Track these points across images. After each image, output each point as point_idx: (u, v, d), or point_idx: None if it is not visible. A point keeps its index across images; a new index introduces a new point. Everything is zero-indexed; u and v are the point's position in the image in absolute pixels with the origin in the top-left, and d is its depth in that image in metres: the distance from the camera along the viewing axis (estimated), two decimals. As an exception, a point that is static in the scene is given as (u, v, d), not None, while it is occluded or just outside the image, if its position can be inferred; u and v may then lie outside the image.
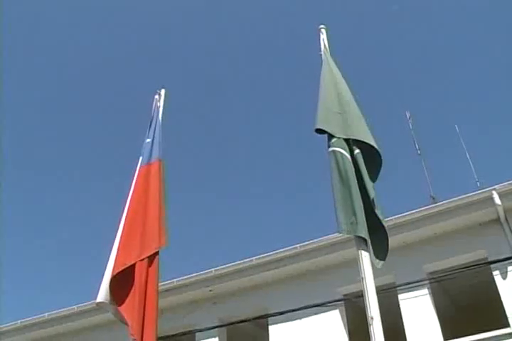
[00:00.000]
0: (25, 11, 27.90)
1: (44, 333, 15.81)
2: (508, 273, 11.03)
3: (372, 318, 5.30)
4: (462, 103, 30.31)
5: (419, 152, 15.28)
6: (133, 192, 7.20)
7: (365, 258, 5.21)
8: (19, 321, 16.13)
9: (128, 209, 7.04)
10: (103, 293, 6.56)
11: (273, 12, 29.94)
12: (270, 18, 30.33)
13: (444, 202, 11.76)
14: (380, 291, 5.44)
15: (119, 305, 6.55)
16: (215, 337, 13.25)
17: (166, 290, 12.69)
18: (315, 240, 12.56)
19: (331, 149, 5.83)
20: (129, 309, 6.50)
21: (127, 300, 6.57)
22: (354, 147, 5.80)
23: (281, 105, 32.51)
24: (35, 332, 15.87)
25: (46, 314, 15.68)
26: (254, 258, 13.09)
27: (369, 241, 5.26)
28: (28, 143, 35.27)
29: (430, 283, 11.61)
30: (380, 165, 5.90)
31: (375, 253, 5.33)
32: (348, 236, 10.28)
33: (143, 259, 6.56)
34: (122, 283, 6.60)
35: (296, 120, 28.32)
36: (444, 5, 27.39)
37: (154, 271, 6.64)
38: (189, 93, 29.95)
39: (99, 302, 6.55)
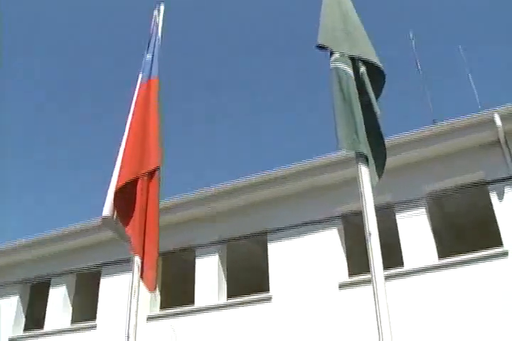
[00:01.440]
0: None
1: (47, 251, 16.16)
2: (505, 194, 11.14)
3: (370, 233, 5.39)
4: (466, 23, 29.72)
5: (421, 73, 15.05)
6: (134, 108, 7.15)
7: (365, 174, 5.24)
8: (23, 239, 16.47)
9: (129, 125, 7.01)
10: (108, 208, 6.64)
11: None
12: None
13: (445, 122, 11.72)
14: (378, 210, 5.50)
15: (122, 222, 6.65)
16: (214, 253, 13.56)
17: (167, 208, 12.84)
18: (314, 159, 12.61)
19: (332, 66, 5.75)
20: (130, 225, 6.59)
21: (129, 217, 6.65)
22: (360, 65, 5.72)
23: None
24: (39, 250, 16.22)
25: (49, 232, 15.98)
26: (253, 176, 13.19)
27: (370, 157, 5.28)
28: (32, 63, 35.04)
29: (427, 202, 11.74)
30: (383, 85, 5.86)
31: (373, 171, 5.36)
32: (347, 155, 10.43)
33: (144, 175, 6.61)
34: (124, 199, 6.66)
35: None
36: None
37: (155, 187, 6.67)
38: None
39: (105, 217, 6.63)
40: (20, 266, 16.77)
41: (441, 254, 11.34)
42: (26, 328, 16.43)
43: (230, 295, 13.31)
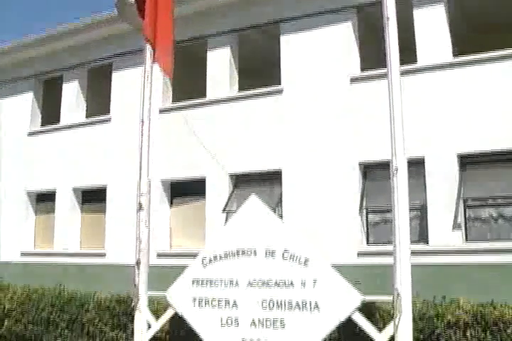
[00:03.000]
0: None
1: (59, 46, 16.06)
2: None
3: (388, 18, 5.27)
4: None
5: None
6: None
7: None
8: (35, 35, 16.28)
9: None
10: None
11: None
12: None
13: None
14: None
15: (136, 8, 6.53)
16: (226, 45, 13.35)
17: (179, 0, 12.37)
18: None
19: None
20: (143, 13, 6.47)
21: (142, 4, 6.50)
22: None
23: None
24: (51, 44, 16.07)
25: (61, 26, 15.71)
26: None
27: None
28: None
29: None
30: None
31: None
32: None
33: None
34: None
35: None
36: None
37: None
38: None
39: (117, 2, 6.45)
40: (32, 61, 16.83)
41: (456, 52, 11.14)
42: (43, 123, 16.90)
43: (241, 88, 13.39)
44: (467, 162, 10.50)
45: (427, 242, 10.28)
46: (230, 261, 5.91)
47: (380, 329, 5.20)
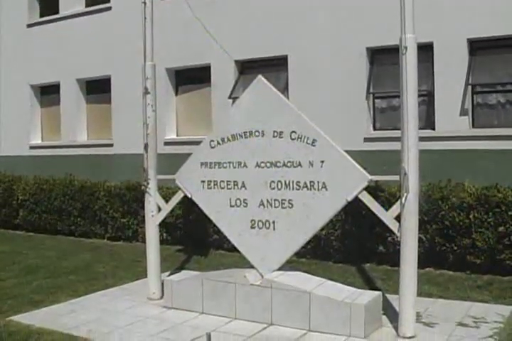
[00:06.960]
0: None
1: None
2: None
3: None
4: None
5: None
6: None
7: None
8: None
9: None
10: None
11: None
12: None
13: None
14: None
15: None
16: None
17: None
18: None
19: None
20: None
21: None
22: None
23: None
24: None
25: None
26: None
27: None
28: None
29: None
30: None
31: None
32: None
33: None
34: None
35: None
36: None
37: None
38: None
39: None
40: None
41: None
42: (42, 14, 16.49)
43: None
44: (477, 47, 10.23)
45: (433, 128, 10.26)
46: (237, 143, 5.93)
47: (386, 210, 5.28)
